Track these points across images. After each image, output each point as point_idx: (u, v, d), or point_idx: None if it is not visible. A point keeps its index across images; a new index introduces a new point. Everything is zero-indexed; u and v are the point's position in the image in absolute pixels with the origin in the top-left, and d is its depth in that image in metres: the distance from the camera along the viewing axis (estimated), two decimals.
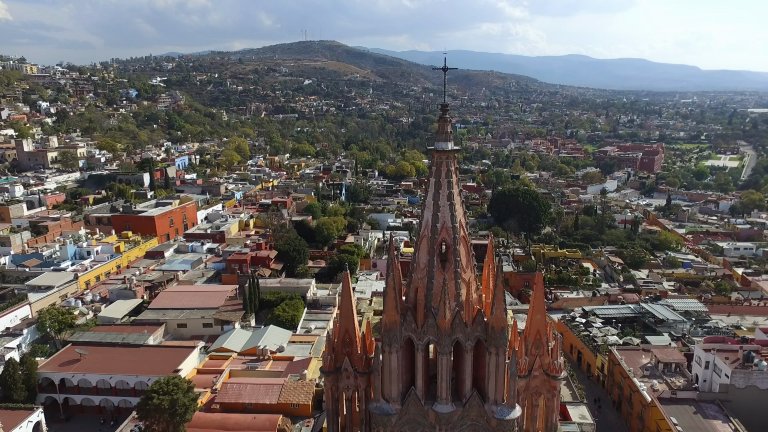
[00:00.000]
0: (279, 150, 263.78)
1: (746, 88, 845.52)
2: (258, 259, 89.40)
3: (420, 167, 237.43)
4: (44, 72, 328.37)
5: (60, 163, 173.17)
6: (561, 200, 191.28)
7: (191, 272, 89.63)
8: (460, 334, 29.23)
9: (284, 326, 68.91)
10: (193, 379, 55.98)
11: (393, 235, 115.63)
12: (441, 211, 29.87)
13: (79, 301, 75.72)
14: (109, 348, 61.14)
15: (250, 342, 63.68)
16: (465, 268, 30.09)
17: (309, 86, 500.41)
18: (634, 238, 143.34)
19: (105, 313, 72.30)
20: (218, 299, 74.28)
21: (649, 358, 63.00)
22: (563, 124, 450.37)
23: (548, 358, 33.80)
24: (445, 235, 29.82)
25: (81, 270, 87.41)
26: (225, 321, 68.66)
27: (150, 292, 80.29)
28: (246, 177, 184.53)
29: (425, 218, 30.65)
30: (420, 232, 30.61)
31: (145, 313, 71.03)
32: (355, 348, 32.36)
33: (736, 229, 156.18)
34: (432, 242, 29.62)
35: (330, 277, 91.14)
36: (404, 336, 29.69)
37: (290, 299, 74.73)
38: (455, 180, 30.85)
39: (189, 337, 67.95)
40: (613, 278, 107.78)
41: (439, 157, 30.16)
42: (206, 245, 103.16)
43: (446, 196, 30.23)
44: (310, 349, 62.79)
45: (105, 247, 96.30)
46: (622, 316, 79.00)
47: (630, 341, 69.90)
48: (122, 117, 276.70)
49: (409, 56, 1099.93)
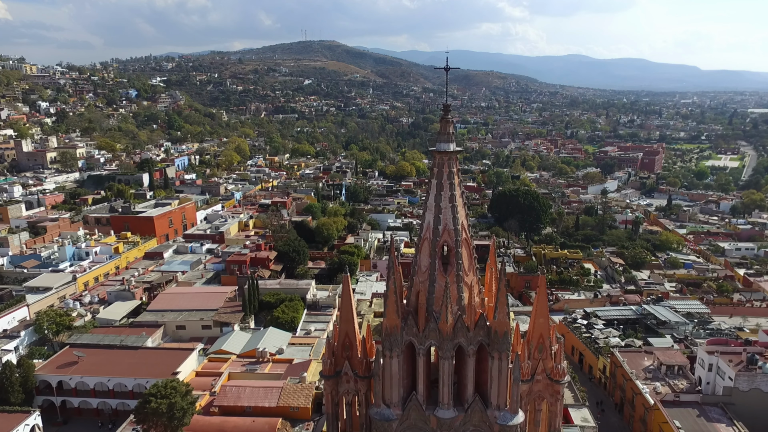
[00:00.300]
0: (279, 150, 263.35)
1: (746, 88, 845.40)
2: (257, 260, 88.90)
3: (420, 167, 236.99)
4: (44, 72, 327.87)
5: (59, 164, 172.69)
6: (561, 200, 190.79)
7: (190, 273, 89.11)
8: (462, 338, 28.81)
9: (284, 328, 68.42)
10: (192, 381, 55.50)
11: (393, 236, 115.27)
12: (443, 213, 29.43)
13: (77, 302, 75.19)
14: (107, 350, 60.61)
15: (249, 344, 63.18)
16: (467, 271, 29.64)
17: (309, 86, 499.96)
18: (635, 239, 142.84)
19: (103, 315, 71.79)
20: (217, 301, 73.77)
21: (651, 360, 62.47)
22: (563, 124, 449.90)
23: (551, 362, 33.32)
24: (447, 238, 29.37)
25: (79, 271, 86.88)
26: (224, 323, 68.16)
27: (149, 293, 79.78)
28: (246, 177, 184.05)
29: (426, 220, 30.20)
30: (421, 235, 30.15)
31: (144, 315, 70.51)
32: (355, 352, 31.96)
33: (737, 229, 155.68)
34: (434, 245, 29.17)
35: (330, 278, 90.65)
36: (405, 340, 29.27)
37: (290, 301, 74.25)
38: (457, 181, 30.39)
39: (188, 338, 67.44)
40: (614, 279, 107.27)
41: (440, 159, 29.70)
42: (205, 246, 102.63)
43: (448, 198, 29.77)
44: (310, 351, 62.29)
45: (104, 248, 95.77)
46: (623, 318, 78.44)
47: (632, 343, 69.33)
48: (122, 117, 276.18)
49: (409, 56, 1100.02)
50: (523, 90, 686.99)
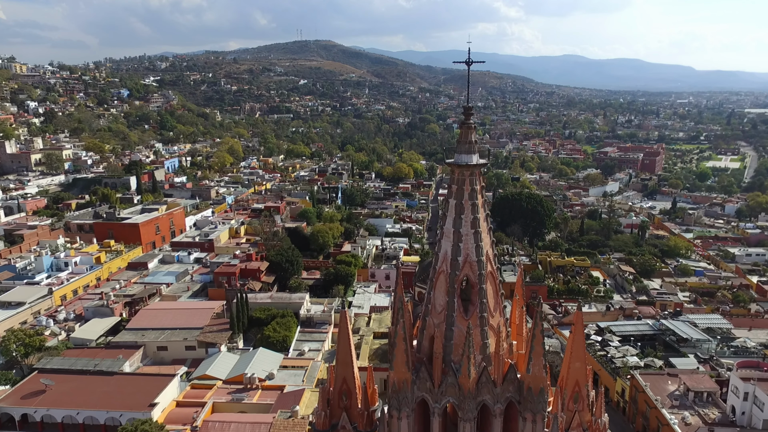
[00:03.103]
0: (273, 151, 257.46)
1: (741, 89, 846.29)
2: (248, 271, 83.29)
3: (418, 169, 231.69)
4: (34, 71, 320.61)
5: (44, 166, 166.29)
6: (563, 203, 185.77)
7: (175, 285, 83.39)
8: (488, 395, 23.47)
9: (275, 348, 62.96)
10: (172, 413, 49.94)
11: (397, 258, 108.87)
12: (464, 241, 23.93)
13: (51, 320, 69.34)
14: (79, 376, 54.85)
15: (236, 368, 57.67)
16: (493, 311, 24.18)
17: (304, 86, 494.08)
18: (642, 244, 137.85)
19: (78, 334, 66.04)
20: (203, 317, 68.17)
21: (676, 385, 57.28)
22: (561, 124, 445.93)
23: (589, 414, 28.09)
24: (468, 272, 23.88)
25: (56, 284, 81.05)
26: (210, 343, 62.59)
27: (129, 308, 74.05)
28: (238, 180, 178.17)
29: (443, 250, 24.67)
30: (436, 267, 24.68)
31: (123, 334, 64.80)
32: (354, 401, 26.74)
33: (745, 233, 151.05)
34: (452, 280, 23.68)
35: (326, 290, 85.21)
36: (417, 397, 23.93)
37: (282, 317, 68.80)
38: (481, 202, 24.84)
39: (170, 361, 61.82)
40: (624, 289, 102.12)
41: (460, 174, 24.17)
42: (193, 255, 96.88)
43: (470, 223, 24.27)
44: (303, 376, 56.80)
45: (84, 258, 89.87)
46: (640, 334, 73.18)
47: (652, 363, 64.18)
48: (113, 117, 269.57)
49: (405, 56, 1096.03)
50: (520, 90, 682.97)
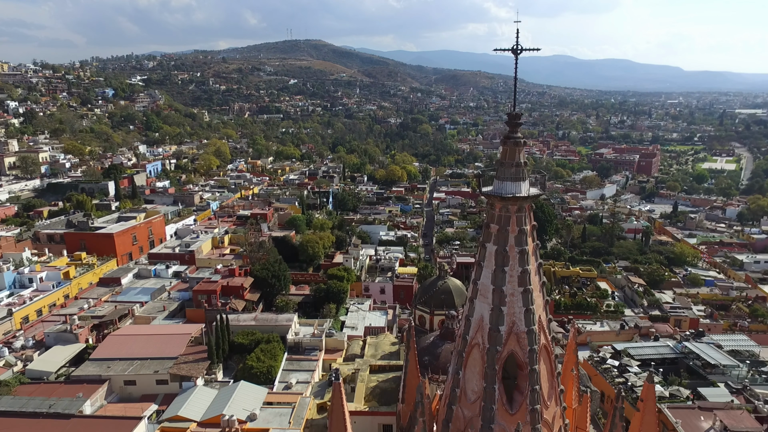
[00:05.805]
0: (262, 153, 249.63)
1: (729, 89, 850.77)
2: (230, 288, 75.93)
3: (411, 171, 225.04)
4: (15, 70, 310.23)
5: (19, 170, 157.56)
6: (562, 207, 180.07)
7: (150, 305, 75.72)
8: None
9: (258, 380, 55.66)
10: None
11: (410, 329, 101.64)
12: (508, 304, 16.99)
13: (6, 348, 61.62)
14: (29, 420, 47.19)
15: (213, 406, 50.33)
16: (547, 400, 17.27)
17: (294, 86, 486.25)
18: (647, 251, 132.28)
19: (36, 365, 58.31)
20: (179, 344, 60.72)
21: (710, 422, 50.92)
22: (554, 125, 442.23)
23: None
24: (515, 347, 16.99)
25: (18, 303, 73.24)
26: (184, 376, 55.25)
27: (97, 332, 66.38)
28: (224, 184, 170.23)
29: (477, 314, 17.74)
30: (467, 336, 17.75)
31: (86, 366, 57.12)
32: None
33: (751, 239, 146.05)
34: (491, 358, 16.75)
35: (316, 308, 78.09)
36: None
37: (267, 342, 61.51)
38: (532, 248, 17.96)
39: (138, 397, 54.32)
40: (635, 302, 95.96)
41: (504, 209, 17.35)
42: (172, 268, 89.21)
43: (518, 279, 17.39)
44: (290, 416, 49.66)
45: (51, 273, 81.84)
46: (660, 357, 66.86)
47: (678, 393, 57.73)
48: (96, 118, 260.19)
49: (396, 56, 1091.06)
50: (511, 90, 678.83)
